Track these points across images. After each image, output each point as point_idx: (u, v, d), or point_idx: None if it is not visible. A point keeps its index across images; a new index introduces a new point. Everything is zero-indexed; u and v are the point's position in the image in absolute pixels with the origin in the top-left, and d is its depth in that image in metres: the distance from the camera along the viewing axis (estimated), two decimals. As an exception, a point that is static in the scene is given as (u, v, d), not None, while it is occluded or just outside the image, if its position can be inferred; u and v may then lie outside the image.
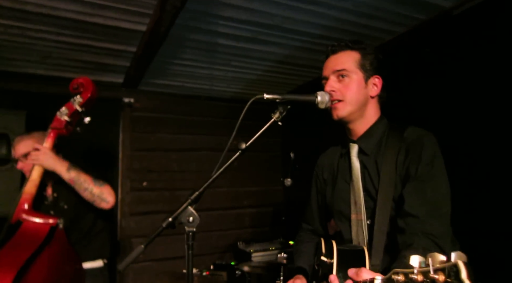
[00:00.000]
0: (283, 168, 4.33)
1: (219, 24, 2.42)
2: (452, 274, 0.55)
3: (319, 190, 1.61)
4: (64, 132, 2.03)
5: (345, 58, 1.34)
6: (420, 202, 1.14)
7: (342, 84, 1.32)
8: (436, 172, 1.18)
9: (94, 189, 2.05)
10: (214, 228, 3.80)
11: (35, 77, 3.16)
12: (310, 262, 1.46)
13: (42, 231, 1.80)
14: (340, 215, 1.41)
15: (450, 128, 2.32)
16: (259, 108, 1.80)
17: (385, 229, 1.21)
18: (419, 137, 1.25)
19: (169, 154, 3.75)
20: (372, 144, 1.34)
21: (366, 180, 1.31)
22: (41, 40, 2.53)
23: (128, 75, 3.26)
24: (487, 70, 2.20)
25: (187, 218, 1.09)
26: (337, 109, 1.31)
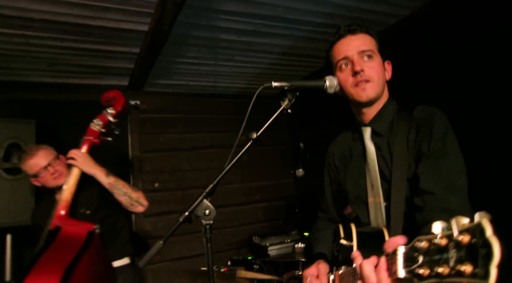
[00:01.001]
0: (293, 160, 4.32)
1: (221, 18, 2.41)
2: (477, 233, 0.54)
3: (332, 178, 1.60)
4: (97, 142, 2.16)
5: (367, 39, 1.32)
6: (435, 179, 1.12)
7: (370, 65, 1.28)
8: (449, 147, 1.15)
9: (132, 194, 2.16)
10: (228, 224, 3.81)
11: (42, 86, 3.19)
12: (329, 248, 1.45)
13: (80, 236, 1.92)
14: (356, 199, 1.39)
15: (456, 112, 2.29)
16: (266, 102, 1.79)
17: (402, 210, 1.19)
18: (429, 114, 1.23)
19: (179, 154, 3.76)
20: (385, 124, 1.32)
21: (380, 162, 1.30)
22: (45, 47, 2.55)
23: (132, 77, 3.27)
24: (493, 51, 2.15)
25: (203, 211, 1.09)
26: (366, 90, 1.27)
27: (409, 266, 0.70)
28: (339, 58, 1.32)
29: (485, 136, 2.18)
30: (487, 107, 2.19)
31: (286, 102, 1.19)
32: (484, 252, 0.52)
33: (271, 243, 3.20)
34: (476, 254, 0.53)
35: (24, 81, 3.10)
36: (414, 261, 0.68)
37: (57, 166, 2.20)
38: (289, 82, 1.19)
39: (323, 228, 1.59)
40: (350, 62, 1.29)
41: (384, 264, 0.80)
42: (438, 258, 0.61)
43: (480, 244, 0.53)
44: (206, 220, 1.08)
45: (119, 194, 2.12)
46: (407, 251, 0.73)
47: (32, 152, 2.17)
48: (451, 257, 0.58)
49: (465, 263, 0.55)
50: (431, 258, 0.63)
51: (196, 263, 3.41)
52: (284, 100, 1.20)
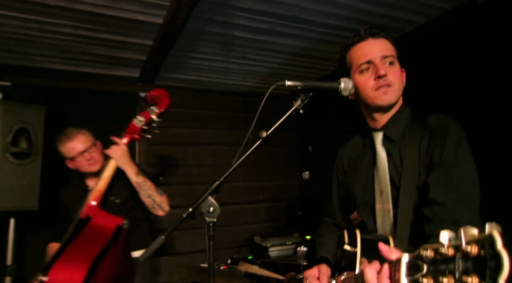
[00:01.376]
0: (299, 162, 4.29)
1: (236, 15, 2.39)
2: (486, 245, 0.51)
3: (340, 182, 1.58)
4: (137, 138, 2.19)
5: (388, 45, 1.29)
6: (446, 190, 1.08)
7: (392, 70, 1.26)
8: (462, 158, 1.12)
9: (156, 197, 2.18)
10: (231, 222, 3.79)
11: (53, 72, 3.20)
12: (333, 253, 1.43)
13: (109, 229, 1.93)
14: (363, 205, 1.37)
15: (473, 121, 2.25)
16: (276, 102, 1.77)
17: (409, 218, 1.16)
18: (444, 124, 1.20)
19: (186, 149, 3.75)
20: (398, 130, 1.29)
21: (390, 168, 1.27)
22: (59, 34, 2.55)
23: (144, 69, 3.27)
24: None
25: (208, 208, 1.07)
26: (388, 94, 1.24)
27: (413, 274, 0.67)
28: (362, 61, 1.28)
29: (500, 146, 2.14)
30: (503, 118, 2.14)
31: (298, 103, 1.17)
32: (492, 265, 0.50)
33: (272, 244, 3.18)
34: (484, 266, 0.51)
35: (36, 67, 3.11)
36: (418, 270, 0.65)
37: (93, 153, 2.22)
38: (303, 82, 1.17)
39: (328, 232, 1.57)
40: (373, 66, 1.26)
41: (386, 271, 0.78)
42: (443, 268, 0.59)
43: (489, 256, 0.51)
44: (210, 217, 1.06)
45: (144, 195, 2.15)
46: (411, 260, 0.70)
47: (71, 135, 2.19)
48: (457, 268, 0.56)
49: (471, 275, 0.52)
50: (436, 268, 0.60)
51: (196, 259, 3.39)
52: (296, 100, 1.18)
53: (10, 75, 3.04)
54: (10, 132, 2.67)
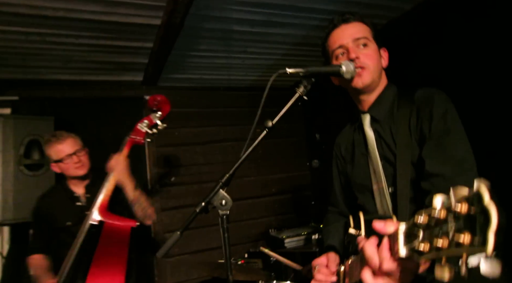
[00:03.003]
0: (308, 152, 4.29)
1: (233, 9, 2.38)
2: (475, 201, 0.51)
3: (340, 169, 1.60)
4: (141, 142, 2.29)
5: (361, 27, 1.33)
6: (441, 160, 1.09)
7: (365, 52, 1.29)
8: (451, 126, 1.12)
9: (148, 209, 2.27)
10: (245, 217, 3.81)
11: (59, 83, 3.25)
12: (340, 240, 1.44)
13: (125, 231, 2.07)
14: (362, 188, 1.38)
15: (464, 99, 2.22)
16: (281, 94, 1.77)
17: (408, 195, 1.17)
18: (429, 96, 1.21)
19: (194, 148, 3.77)
20: (384, 110, 1.31)
21: (383, 147, 1.28)
22: (61, 44, 2.58)
23: (147, 72, 3.28)
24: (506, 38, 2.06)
25: (220, 201, 1.08)
26: (362, 77, 1.27)
27: (410, 242, 0.67)
28: (334, 47, 1.33)
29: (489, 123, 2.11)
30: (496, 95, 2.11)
31: (301, 89, 1.18)
32: (481, 219, 0.50)
33: (287, 235, 3.19)
34: (475, 222, 0.51)
35: (41, 79, 3.15)
36: (415, 237, 0.65)
37: (82, 156, 2.28)
38: (304, 69, 1.17)
39: (333, 221, 1.59)
40: (346, 50, 1.30)
41: (386, 244, 0.78)
42: (437, 231, 0.59)
43: (478, 212, 0.51)
44: (223, 210, 1.07)
45: (139, 208, 2.22)
46: (407, 228, 0.70)
47: (61, 138, 2.24)
48: (450, 229, 0.56)
49: (463, 233, 0.53)
50: (431, 232, 0.61)
51: (213, 256, 3.43)
52: (299, 87, 1.18)
53: (17, 89, 3.10)
54: (22, 145, 2.72)
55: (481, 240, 0.50)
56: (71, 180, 2.32)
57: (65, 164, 2.22)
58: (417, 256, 0.64)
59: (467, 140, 1.13)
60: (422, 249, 0.62)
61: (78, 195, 2.34)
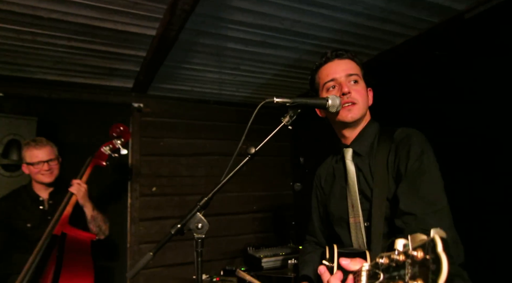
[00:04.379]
0: (293, 172, 4.30)
1: (228, 28, 2.41)
2: (429, 249, 0.54)
3: (319, 200, 1.62)
4: (103, 164, 2.54)
5: (353, 65, 1.39)
6: (414, 199, 1.11)
7: (356, 88, 1.34)
8: (426, 167, 1.16)
9: (103, 226, 2.49)
10: (224, 233, 3.77)
11: (46, 83, 3.20)
12: (315, 271, 1.44)
13: (85, 244, 2.26)
14: (339, 220, 1.40)
15: (460, 135, 2.28)
16: (268, 112, 1.79)
17: (381, 230, 1.19)
18: (407, 135, 1.26)
19: (179, 159, 3.74)
20: (366, 145, 1.35)
21: (361, 182, 1.32)
22: (52, 45, 2.55)
23: (137, 80, 3.27)
24: (499, 76, 2.13)
25: (196, 224, 1.07)
26: (352, 111, 1.32)
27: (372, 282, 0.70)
28: (326, 80, 1.37)
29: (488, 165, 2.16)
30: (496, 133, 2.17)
31: (287, 119, 1.20)
32: (434, 268, 0.52)
33: (265, 255, 3.16)
34: (427, 270, 0.53)
35: (29, 77, 3.10)
36: (375, 278, 0.68)
37: (54, 166, 2.40)
38: (291, 99, 1.19)
39: (310, 251, 1.60)
40: (338, 84, 1.34)
41: (350, 280, 0.81)
42: (395, 274, 0.61)
43: (431, 260, 0.53)
44: (198, 233, 1.06)
45: (94, 225, 2.43)
46: (370, 268, 0.73)
47: (40, 144, 2.38)
48: (406, 273, 0.58)
49: (417, 279, 0.55)
50: (390, 274, 0.63)
51: (189, 271, 3.37)
52: (285, 117, 1.20)
53: (3, 85, 3.04)
54: (1, 144, 2.66)
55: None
56: (37, 184, 2.42)
57: (35, 168, 2.34)
58: None
59: (441, 182, 1.16)
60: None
61: (43, 199, 2.43)
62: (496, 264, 2.03)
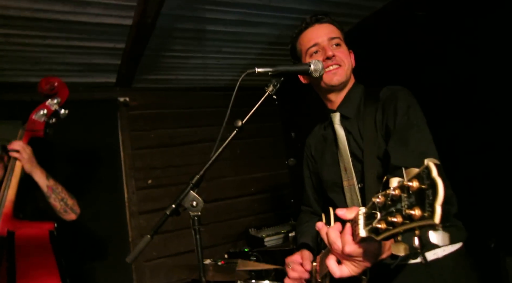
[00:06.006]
0: (286, 151, 4.31)
1: (206, 9, 2.37)
2: (424, 177, 0.54)
3: (311, 169, 1.63)
4: (41, 135, 1.95)
5: (333, 28, 1.38)
6: (405, 153, 1.12)
7: (339, 51, 1.34)
8: (414, 120, 1.17)
9: (68, 200, 2.02)
10: (224, 217, 3.78)
11: (27, 86, 3.12)
12: (313, 238, 1.46)
13: (43, 237, 1.78)
14: (333, 185, 1.41)
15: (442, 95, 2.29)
16: (256, 94, 1.77)
17: (375, 189, 1.20)
18: (393, 92, 1.27)
19: (171, 149, 3.72)
20: (352, 108, 1.35)
21: (352, 144, 1.32)
22: (28, 45, 2.49)
23: (120, 73, 3.22)
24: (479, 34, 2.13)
25: (191, 202, 1.07)
26: (337, 74, 1.32)
27: (369, 224, 0.70)
28: (309, 45, 1.36)
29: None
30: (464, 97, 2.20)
31: (270, 88, 1.19)
32: (430, 193, 0.52)
33: (267, 234, 3.20)
34: (424, 197, 0.53)
35: (9, 81, 3.04)
36: (373, 218, 0.68)
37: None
38: (273, 68, 1.18)
39: (307, 220, 1.61)
40: (321, 48, 1.34)
41: (348, 228, 0.81)
42: (392, 209, 0.61)
43: (427, 186, 0.53)
44: (193, 211, 1.06)
45: (56, 199, 1.96)
46: (367, 211, 0.73)
47: None
48: (403, 206, 0.58)
49: (414, 208, 0.55)
50: (387, 211, 0.63)
51: (193, 258, 3.37)
52: (268, 86, 1.19)
53: (-17, 93, 2.97)
54: (-11, 151, 2.60)
55: (430, 213, 0.51)
56: None
57: None
58: (375, 235, 0.67)
59: (430, 134, 1.17)
60: (380, 227, 0.64)
61: None
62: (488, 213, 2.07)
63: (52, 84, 1.97)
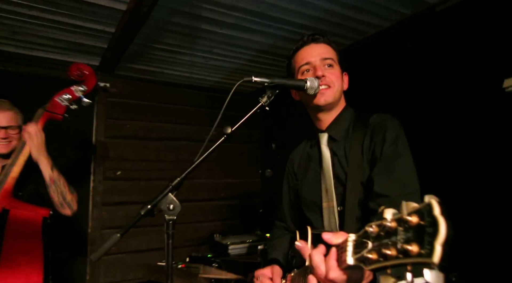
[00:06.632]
0: (262, 160, 4.30)
1: (203, 8, 2.33)
2: (425, 214, 0.53)
3: (291, 185, 1.62)
4: (60, 118, 1.97)
5: (328, 49, 1.41)
6: (389, 182, 1.14)
7: (330, 72, 1.35)
8: (401, 151, 1.19)
9: (67, 194, 1.99)
10: (191, 219, 3.71)
11: (2, 55, 2.96)
12: (284, 254, 1.46)
13: (35, 222, 1.76)
14: (312, 205, 1.41)
15: (427, 124, 2.35)
16: (241, 99, 1.75)
17: (355, 214, 1.21)
18: (382, 121, 1.29)
19: (146, 143, 3.62)
20: (341, 130, 1.37)
21: (336, 166, 1.33)
22: (11, 13, 2.36)
23: (104, 58, 3.11)
24: (468, 67, 2.21)
25: (168, 205, 1.02)
26: (325, 95, 1.33)
27: (358, 252, 0.68)
28: (302, 63, 1.38)
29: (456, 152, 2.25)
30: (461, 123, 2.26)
31: (265, 99, 1.17)
32: (430, 231, 0.51)
33: (232, 242, 3.15)
34: (423, 234, 0.52)
35: (-17, 48, 2.86)
36: (363, 247, 0.67)
37: (13, 134, 2.03)
38: (270, 79, 1.16)
39: (279, 235, 1.60)
40: (312, 67, 1.35)
41: (334, 253, 0.79)
42: (386, 241, 0.60)
43: (427, 224, 0.52)
44: (169, 215, 1.02)
45: (55, 191, 1.94)
46: (357, 238, 0.72)
47: (2, 107, 2.02)
48: (399, 239, 0.57)
49: (411, 244, 0.54)
50: (380, 242, 0.62)
51: (153, 258, 3.29)
52: (263, 97, 1.17)
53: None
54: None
55: (428, 251, 0.50)
56: None
57: None
58: (364, 265, 0.65)
59: (414, 166, 1.19)
60: (370, 257, 0.63)
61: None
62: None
63: (82, 71, 1.99)
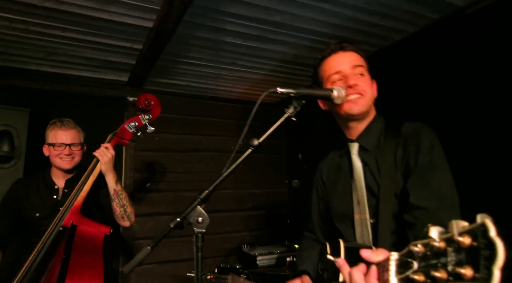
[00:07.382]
0: (288, 170, 4.27)
1: (227, 21, 2.37)
2: (479, 235, 0.49)
3: (320, 196, 1.59)
4: (126, 143, 2.21)
5: (357, 57, 1.36)
6: (426, 194, 1.09)
7: (362, 80, 1.31)
8: (436, 161, 1.14)
9: (128, 208, 2.19)
10: (219, 230, 3.73)
11: (39, 74, 3.13)
12: (314, 266, 1.42)
13: (98, 239, 1.91)
14: (343, 216, 1.37)
15: (459, 131, 2.26)
16: (266, 109, 1.75)
17: (389, 227, 1.16)
18: (416, 130, 1.23)
19: (174, 155, 3.69)
20: (373, 140, 1.32)
21: (368, 177, 1.28)
22: (46, 35, 2.49)
23: (133, 73, 3.21)
24: (499, 71, 2.13)
25: (196, 218, 1.03)
26: (358, 104, 1.29)
27: (402, 272, 0.64)
28: (331, 72, 1.33)
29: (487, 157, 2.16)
30: (494, 127, 2.16)
31: (291, 110, 1.16)
32: (486, 254, 0.47)
33: (260, 253, 3.13)
34: (478, 257, 0.48)
35: (21, 68, 3.03)
36: (407, 267, 0.63)
37: (76, 151, 2.23)
38: (296, 90, 1.15)
39: (308, 247, 1.56)
40: (344, 76, 1.31)
41: (375, 272, 0.75)
42: (435, 262, 0.56)
43: (482, 246, 0.48)
44: (198, 227, 1.02)
45: (118, 204, 2.13)
46: (400, 257, 0.67)
47: (66, 126, 2.21)
48: (449, 261, 0.53)
49: (464, 267, 0.50)
50: (428, 263, 0.58)
51: (182, 268, 3.32)
52: (289, 108, 1.16)
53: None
54: (-9, 135, 2.58)
55: (485, 276, 0.47)
56: (55, 170, 2.24)
57: (55, 151, 2.16)
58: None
59: (451, 176, 1.14)
60: (417, 279, 0.59)
61: (58, 188, 2.23)
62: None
63: (149, 102, 2.22)
